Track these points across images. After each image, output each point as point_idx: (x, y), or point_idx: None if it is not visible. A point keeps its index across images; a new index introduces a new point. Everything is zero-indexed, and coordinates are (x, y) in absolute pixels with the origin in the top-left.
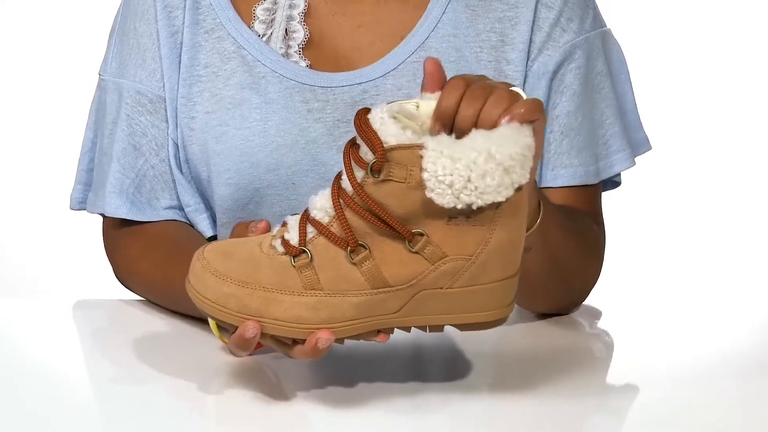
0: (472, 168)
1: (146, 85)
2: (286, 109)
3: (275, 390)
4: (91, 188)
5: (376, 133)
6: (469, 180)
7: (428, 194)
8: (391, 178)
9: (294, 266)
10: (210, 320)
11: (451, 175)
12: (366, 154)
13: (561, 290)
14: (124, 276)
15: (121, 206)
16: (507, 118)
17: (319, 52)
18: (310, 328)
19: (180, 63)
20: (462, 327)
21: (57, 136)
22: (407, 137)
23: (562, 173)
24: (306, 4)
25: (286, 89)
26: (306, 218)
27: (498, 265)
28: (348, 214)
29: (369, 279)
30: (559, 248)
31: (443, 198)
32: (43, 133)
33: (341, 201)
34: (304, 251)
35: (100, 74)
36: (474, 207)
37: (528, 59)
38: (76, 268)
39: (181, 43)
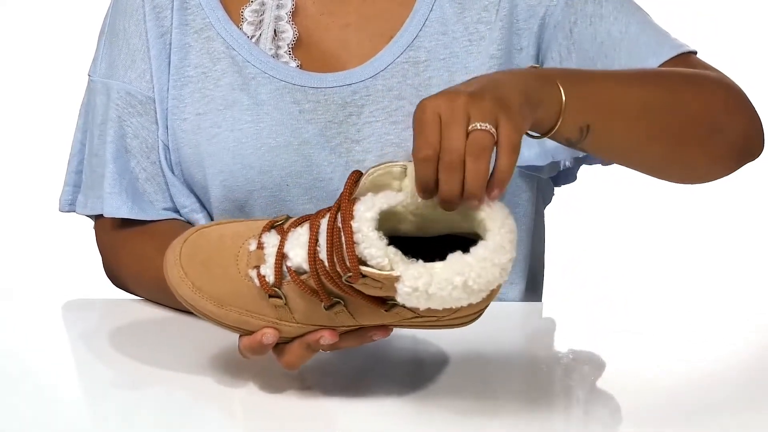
0: (447, 299)
1: (136, 86)
2: (277, 110)
3: (268, 391)
4: (80, 190)
5: (354, 254)
6: (442, 305)
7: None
8: (366, 284)
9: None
10: None
11: (426, 303)
12: (345, 254)
13: (696, 137)
14: (131, 277)
15: (122, 206)
16: (495, 192)
17: (309, 52)
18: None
19: (169, 64)
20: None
21: (46, 136)
22: (388, 253)
23: (650, 54)
24: (293, 3)
25: (277, 90)
26: (282, 258)
27: (469, 309)
28: (324, 279)
29: (343, 322)
30: (642, 102)
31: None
32: (31, 134)
33: (317, 268)
34: (279, 295)
35: (89, 75)
36: None
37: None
38: (66, 269)
39: (170, 44)
